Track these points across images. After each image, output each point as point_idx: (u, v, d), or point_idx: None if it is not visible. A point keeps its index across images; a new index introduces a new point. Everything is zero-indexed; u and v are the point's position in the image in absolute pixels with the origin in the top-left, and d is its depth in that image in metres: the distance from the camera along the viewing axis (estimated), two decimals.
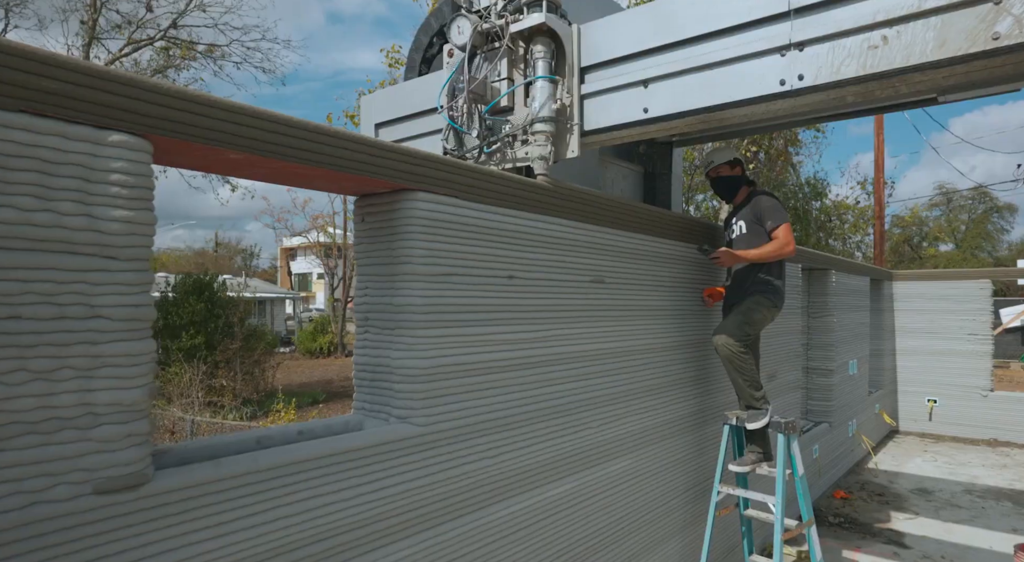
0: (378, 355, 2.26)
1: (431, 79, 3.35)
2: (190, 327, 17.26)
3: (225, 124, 1.59)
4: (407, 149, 2.11)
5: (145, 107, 1.46)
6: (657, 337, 3.69)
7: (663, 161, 5.25)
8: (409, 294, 2.17)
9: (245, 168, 1.80)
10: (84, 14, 15.42)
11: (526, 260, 2.65)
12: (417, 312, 2.16)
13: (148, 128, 1.46)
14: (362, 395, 2.32)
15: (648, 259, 3.59)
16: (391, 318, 2.22)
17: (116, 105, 1.41)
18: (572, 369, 2.93)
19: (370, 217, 2.30)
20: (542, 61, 2.86)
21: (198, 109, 1.55)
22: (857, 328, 8.05)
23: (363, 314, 2.33)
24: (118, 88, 1.41)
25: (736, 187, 3.96)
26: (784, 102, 2.43)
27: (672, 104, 2.66)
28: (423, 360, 2.17)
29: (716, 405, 4.39)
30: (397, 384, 2.17)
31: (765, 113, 2.63)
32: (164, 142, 1.51)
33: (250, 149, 1.67)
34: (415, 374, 2.15)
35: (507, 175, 2.56)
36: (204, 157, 1.66)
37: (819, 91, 2.30)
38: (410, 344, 2.16)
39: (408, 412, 2.16)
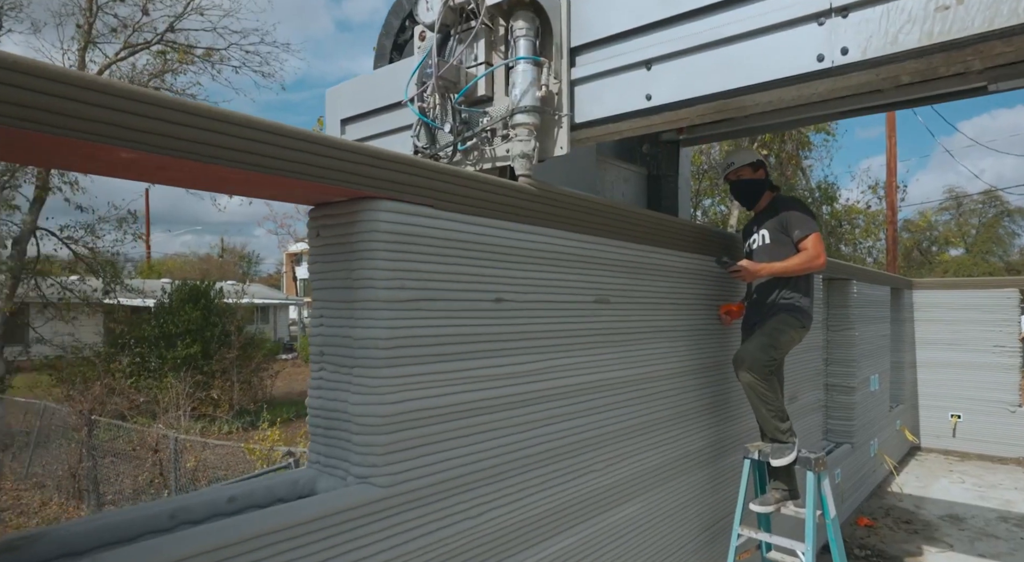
0: (334, 399, 1.85)
1: (401, 67, 2.90)
2: (186, 336, 16.92)
3: (96, 110, 1.19)
4: (364, 147, 1.71)
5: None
6: (669, 362, 3.27)
7: (669, 162, 4.83)
8: (370, 325, 1.77)
9: (150, 170, 1.40)
10: (80, 18, 15.14)
11: (517, 279, 2.24)
12: (380, 347, 1.76)
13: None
14: (317, 447, 1.91)
15: (658, 274, 3.18)
16: (349, 354, 1.81)
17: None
18: (572, 405, 2.52)
19: (326, 231, 1.90)
20: (524, 40, 2.40)
21: (41, 86, 1.13)
22: (878, 341, 7.60)
23: (318, 348, 1.93)
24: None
25: (759, 192, 3.54)
26: (821, 83, 2.00)
27: (680, 89, 2.22)
28: (387, 405, 1.76)
29: (734, 434, 3.97)
30: (356, 436, 1.76)
31: (796, 98, 2.20)
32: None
33: (146, 146, 1.27)
34: (377, 423, 1.75)
35: (490, 178, 2.15)
36: (83, 155, 1.26)
37: (868, 68, 1.86)
38: (371, 386, 1.75)
39: (369, 469, 1.75)
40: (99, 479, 10.08)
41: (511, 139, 2.40)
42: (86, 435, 10.45)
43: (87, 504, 10.34)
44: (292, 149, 1.53)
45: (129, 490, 9.76)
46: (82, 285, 15.90)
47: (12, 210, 14.31)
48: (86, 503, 10.37)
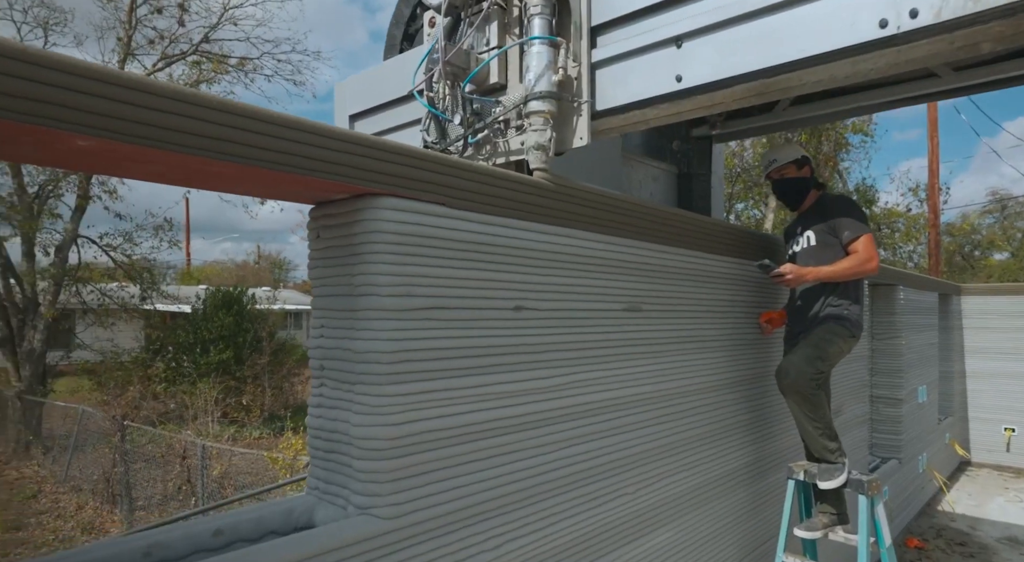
0: (335, 419, 1.67)
1: (411, 57, 2.67)
2: (219, 341, 17.09)
3: (44, 89, 1.03)
4: (364, 137, 1.53)
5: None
6: (705, 375, 3.02)
7: (701, 160, 4.57)
8: (373, 336, 1.58)
9: (114, 161, 1.24)
10: (121, 31, 15.48)
11: (538, 286, 2.04)
12: (383, 361, 1.57)
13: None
14: (316, 471, 1.73)
15: (693, 279, 2.94)
16: (350, 369, 1.63)
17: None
18: (599, 423, 2.30)
19: (326, 232, 1.73)
20: (539, 18, 2.17)
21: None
22: (926, 350, 7.19)
23: (318, 362, 1.75)
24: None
25: (804, 191, 3.28)
26: (882, 56, 1.74)
27: (715, 68, 1.97)
28: (391, 427, 1.57)
29: (776, 452, 3.69)
30: (357, 460, 1.58)
31: (849, 76, 1.93)
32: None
33: (107, 133, 1.11)
34: (380, 447, 1.56)
35: (509, 173, 1.96)
36: (33, 142, 1.10)
37: (942, 33, 1.59)
38: (373, 406, 1.57)
39: (371, 499, 1.56)
40: (131, 484, 10.15)
41: (525, 130, 2.18)
42: (119, 440, 10.55)
43: (120, 509, 10.43)
44: (280, 138, 1.36)
45: (159, 496, 9.81)
46: (120, 292, 16.22)
47: (55, 218, 14.66)
48: (119, 508, 10.46)
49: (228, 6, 16.82)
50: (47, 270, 14.25)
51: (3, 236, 13.64)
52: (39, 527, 10.12)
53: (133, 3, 15.19)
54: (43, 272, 14.28)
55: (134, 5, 15.20)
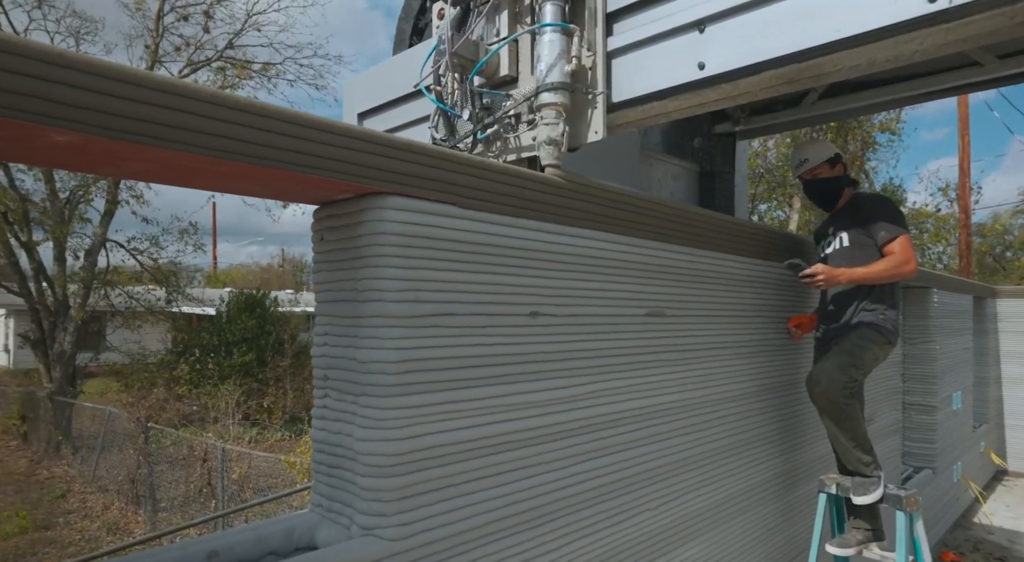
0: (338, 432, 1.58)
1: (420, 52, 2.54)
2: (242, 344, 17.24)
3: (15, 78, 0.95)
4: (367, 132, 1.44)
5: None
6: (732, 383, 2.89)
7: (724, 157, 4.41)
8: (378, 345, 1.49)
9: (96, 158, 1.15)
10: (148, 39, 15.75)
11: (556, 290, 1.93)
12: (389, 372, 1.47)
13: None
14: (320, 487, 1.64)
15: (718, 282, 2.81)
16: (355, 379, 1.53)
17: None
18: (620, 435, 2.18)
19: (330, 234, 1.64)
20: (551, 4, 2.04)
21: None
22: (960, 355, 6.93)
23: (322, 372, 1.66)
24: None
25: (839, 191, 3.12)
26: (929, 35, 1.58)
27: (742, 52, 1.82)
28: (397, 442, 1.47)
29: (806, 462, 3.53)
30: (361, 478, 1.48)
31: (891, 58, 1.76)
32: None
33: (85, 126, 1.03)
34: (385, 463, 1.46)
35: (524, 171, 1.85)
36: (8, 137, 1.02)
37: (1004, 4, 1.43)
38: (378, 419, 1.47)
39: (375, 519, 1.47)
40: (154, 486, 10.24)
41: (537, 124, 2.05)
42: (143, 442, 10.65)
43: (143, 510, 10.52)
44: (277, 133, 1.27)
45: (180, 498, 9.87)
46: (147, 295, 16.49)
47: (85, 223, 14.95)
48: (143, 509, 10.55)
49: (252, 12, 17.01)
50: (77, 274, 14.55)
51: (36, 241, 13.93)
52: (67, 527, 10.25)
53: (160, 11, 15.45)
54: (73, 276, 14.58)
55: (161, 13, 15.46)
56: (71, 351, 14.17)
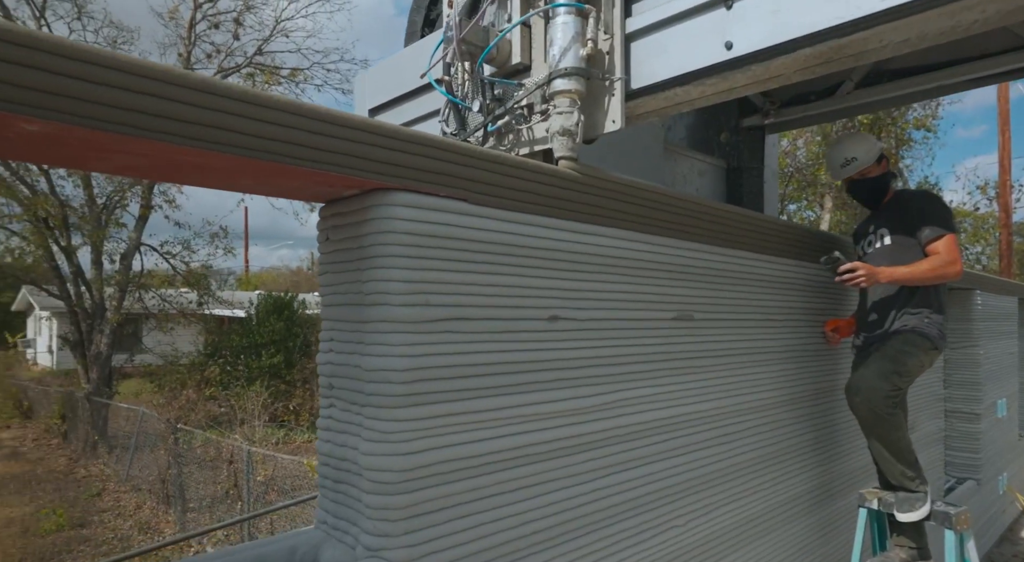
0: (343, 445, 1.48)
1: (431, 42, 2.38)
2: (270, 346, 17.42)
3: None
4: (371, 123, 1.34)
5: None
6: (765, 391, 2.73)
7: (752, 152, 4.24)
8: (384, 352, 1.39)
9: (75, 150, 1.07)
10: (181, 47, 16.10)
11: (576, 293, 1.81)
12: (396, 381, 1.37)
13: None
14: (325, 503, 1.55)
15: (751, 284, 2.66)
16: (359, 389, 1.44)
17: None
18: (646, 447, 2.05)
19: (336, 233, 1.55)
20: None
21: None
22: (1005, 359, 6.62)
23: (327, 380, 1.57)
24: None
25: (886, 188, 2.93)
26: (991, 1, 1.42)
27: (774, 29, 1.65)
28: (404, 456, 1.37)
29: (844, 473, 3.35)
30: (367, 495, 1.38)
31: (944, 31, 1.59)
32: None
33: (58, 114, 0.94)
34: (392, 479, 1.36)
35: (543, 165, 1.74)
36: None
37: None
38: (384, 432, 1.37)
39: (382, 540, 1.36)
40: (184, 486, 10.36)
41: (550, 114, 1.90)
42: (172, 443, 10.79)
43: (173, 509, 10.65)
44: (275, 124, 1.18)
45: (208, 499, 9.97)
46: (179, 297, 16.85)
47: (120, 228, 15.33)
48: (172, 509, 10.69)
49: (280, 19, 17.25)
50: (113, 277, 14.95)
51: (75, 245, 14.34)
52: (101, 525, 10.44)
53: (193, 19, 15.78)
54: (109, 279, 14.98)
55: (193, 21, 15.78)
56: (107, 353, 14.55)
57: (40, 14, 13.85)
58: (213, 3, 16.00)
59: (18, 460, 14.15)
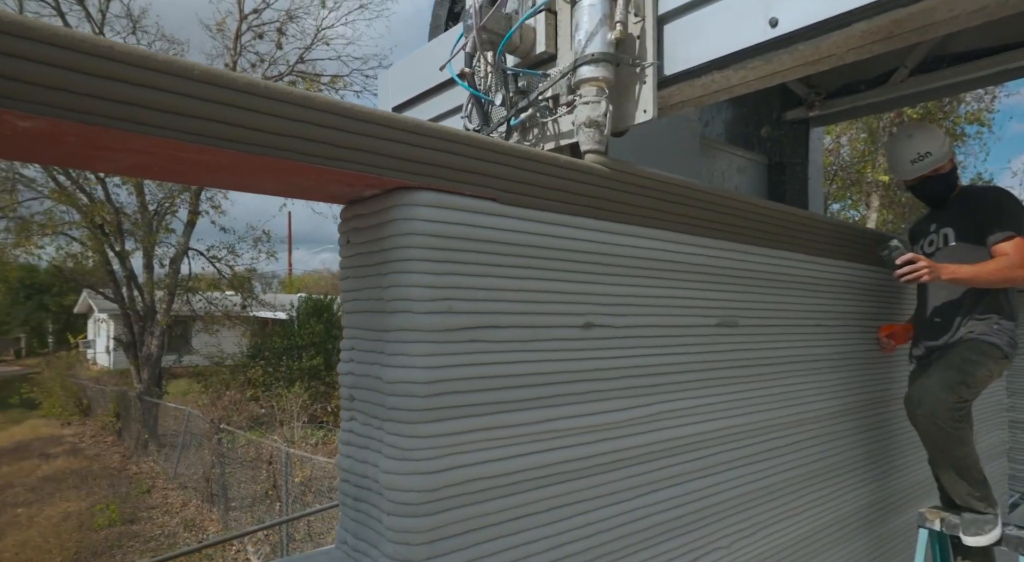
0: (364, 461, 1.40)
1: (454, 36, 2.22)
2: (310, 348, 17.68)
3: None
4: (392, 118, 1.25)
5: None
6: (816, 401, 2.56)
7: (795, 147, 4.03)
8: (405, 363, 1.30)
9: (73, 147, 1.01)
10: (227, 57, 16.57)
11: (612, 298, 1.70)
12: (418, 394, 1.28)
13: None
14: (346, 521, 1.47)
15: (800, 287, 2.49)
16: (380, 402, 1.35)
17: None
18: (688, 463, 1.92)
19: (356, 236, 1.47)
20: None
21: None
22: None
23: (348, 391, 1.49)
24: None
25: (954, 185, 2.72)
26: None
27: (825, 2, 1.47)
28: (427, 476, 1.28)
29: (900, 489, 3.14)
30: (388, 516, 1.30)
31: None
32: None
33: (49, 109, 0.88)
34: (414, 500, 1.27)
35: (577, 162, 1.63)
36: None
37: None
38: (405, 449, 1.28)
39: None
40: (226, 485, 10.56)
41: (576, 105, 1.74)
42: (216, 443, 11.01)
43: (217, 508, 10.87)
44: (287, 119, 1.10)
45: (249, 498, 10.13)
46: (224, 300, 17.34)
47: (169, 233, 15.86)
48: (216, 507, 10.90)
49: (321, 27, 17.58)
50: (162, 281, 15.47)
51: (128, 250, 14.89)
52: (150, 521, 10.73)
53: (239, 30, 16.20)
54: (159, 282, 15.50)
55: (239, 32, 16.21)
56: (157, 354, 15.05)
57: (99, 31, 14.42)
58: (258, 14, 16.40)
59: (77, 456, 14.74)
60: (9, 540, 9.59)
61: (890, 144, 2.82)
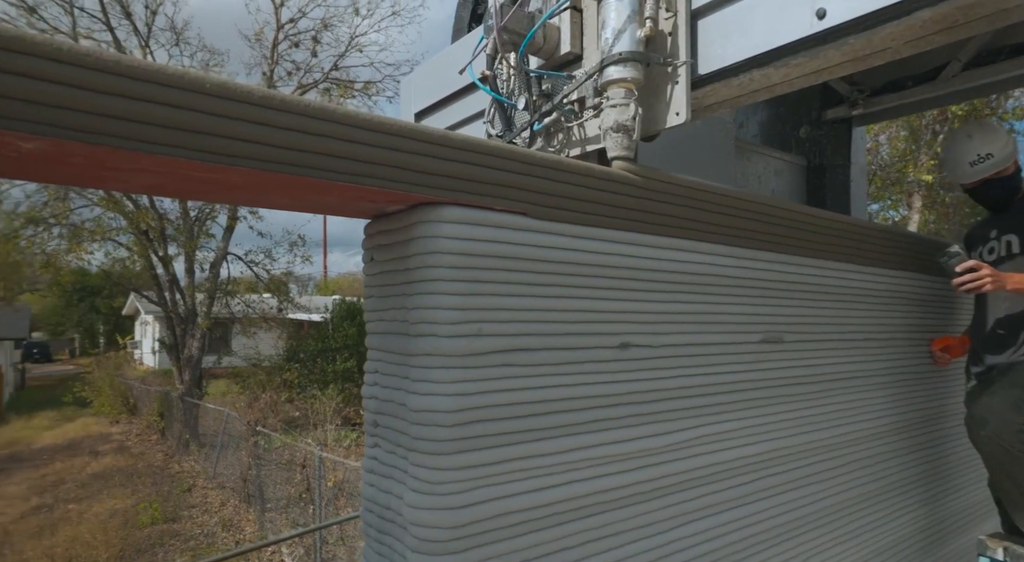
0: (388, 491, 1.33)
1: (476, 38, 2.06)
2: (344, 350, 17.85)
3: None
4: (415, 129, 1.18)
5: None
6: (866, 419, 2.41)
7: (837, 148, 3.82)
8: (431, 390, 1.22)
9: (87, 171, 0.96)
10: (265, 66, 16.92)
11: (650, 316, 1.60)
12: (444, 423, 1.21)
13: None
14: (371, 554, 1.39)
15: (847, 300, 2.34)
16: (405, 430, 1.28)
17: None
18: (731, 488, 1.81)
19: (381, 253, 1.40)
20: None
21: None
22: None
23: (372, 416, 1.42)
24: None
25: (1018, 188, 2.54)
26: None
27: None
28: (454, 511, 1.20)
29: (957, 511, 2.96)
30: (412, 553, 1.22)
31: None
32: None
33: (67, 131, 0.83)
34: (439, 537, 1.19)
35: (614, 172, 1.53)
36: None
37: None
38: (431, 482, 1.21)
39: None
40: (262, 486, 10.70)
41: (603, 107, 1.63)
42: (252, 445, 11.18)
43: (253, 508, 11.02)
44: (300, 131, 1.03)
45: (284, 500, 10.25)
46: (261, 303, 17.72)
47: (209, 238, 16.27)
48: (253, 507, 11.06)
49: (355, 34, 17.82)
50: (203, 284, 15.88)
51: (171, 255, 15.35)
52: (190, 520, 10.95)
53: (276, 39, 16.53)
54: (199, 286, 15.92)
55: (276, 41, 16.54)
56: (198, 356, 15.44)
57: (145, 43, 14.87)
58: (294, 23, 16.69)
59: (123, 454, 15.20)
60: (61, 535, 9.90)
61: (947, 145, 2.64)
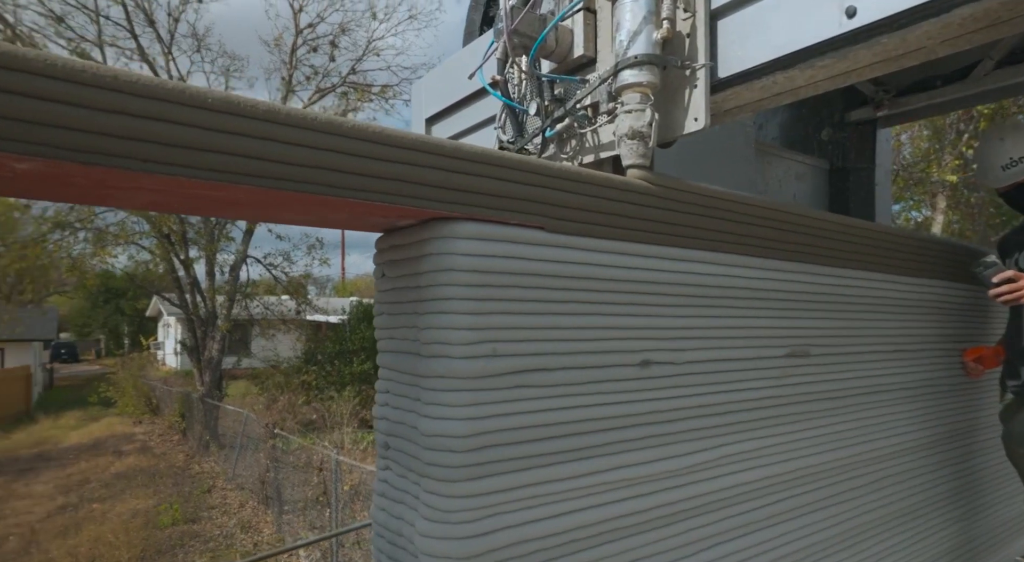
0: (399, 516, 1.28)
1: (487, 41, 2.00)
2: (361, 352, 17.91)
3: None
4: (425, 141, 1.13)
5: None
6: (896, 434, 2.32)
7: (860, 150, 3.70)
8: (443, 414, 1.17)
9: (86, 191, 0.92)
10: (284, 71, 17.08)
11: (671, 332, 1.53)
12: (457, 448, 1.16)
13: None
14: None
15: (875, 311, 2.25)
16: (416, 454, 1.23)
17: None
18: (759, 509, 1.73)
19: (392, 269, 1.36)
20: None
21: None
22: None
23: (383, 438, 1.38)
24: None
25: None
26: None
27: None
28: (467, 541, 1.15)
29: (991, 528, 2.85)
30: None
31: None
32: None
33: (59, 151, 0.79)
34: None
35: (633, 182, 1.47)
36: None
37: None
38: (444, 510, 1.15)
39: None
40: (280, 488, 10.75)
41: (617, 113, 1.53)
42: (270, 447, 11.24)
43: (271, 510, 11.08)
44: (304, 147, 0.99)
45: (301, 503, 10.29)
46: (279, 305, 17.88)
47: (229, 241, 16.45)
48: (271, 509, 11.11)
49: (372, 38, 17.90)
50: (222, 287, 16.06)
51: (192, 258, 15.53)
52: (210, 521, 11.04)
53: (295, 45, 16.67)
54: (219, 289, 16.10)
55: (295, 46, 16.68)
56: (218, 358, 15.60)
57: (168, 50, 15.07)
58: (312, 28, 16.82)
59: (146, 454, 15.41)
60: (85, 535, 10.02)
61: (978, 148, 2.55)
